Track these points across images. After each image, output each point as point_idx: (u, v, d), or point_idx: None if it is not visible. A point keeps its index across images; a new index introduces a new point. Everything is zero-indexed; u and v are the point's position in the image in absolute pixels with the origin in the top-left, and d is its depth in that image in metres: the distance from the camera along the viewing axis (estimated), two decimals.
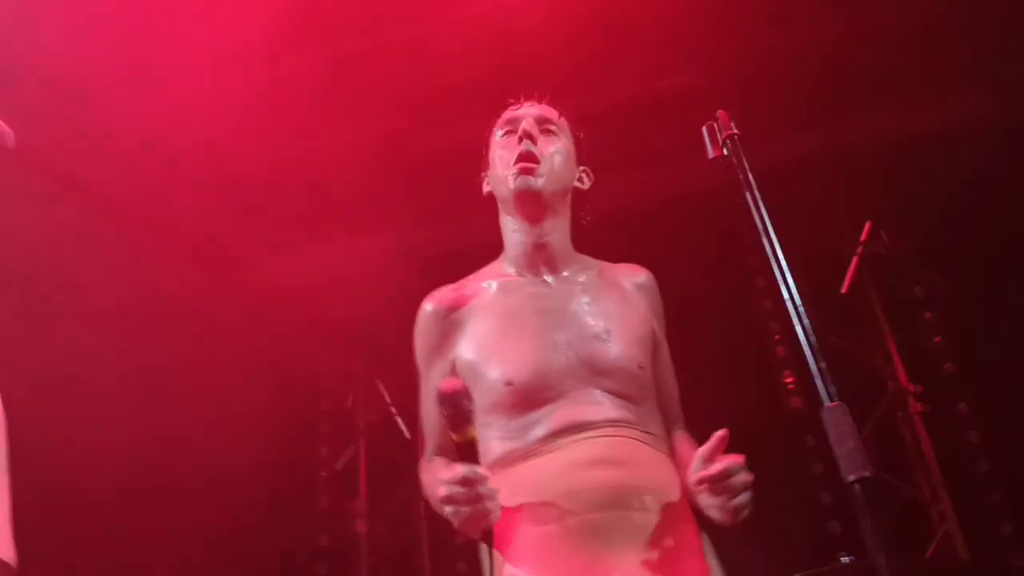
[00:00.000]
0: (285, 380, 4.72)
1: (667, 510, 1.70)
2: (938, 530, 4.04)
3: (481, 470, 1.55)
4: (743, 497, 1.60)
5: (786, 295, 1.68)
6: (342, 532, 4.63)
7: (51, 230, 3.63)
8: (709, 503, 1.63)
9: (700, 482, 1.61)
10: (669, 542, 1.67)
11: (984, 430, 4.15)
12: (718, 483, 1.60)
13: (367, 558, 4.56)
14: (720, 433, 1.62)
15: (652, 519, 1.67)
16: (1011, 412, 4.02)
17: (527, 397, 1.77)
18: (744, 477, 1.60)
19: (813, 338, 1.62)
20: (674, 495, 1.74)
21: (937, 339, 4.38)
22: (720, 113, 1.86)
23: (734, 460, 1.60)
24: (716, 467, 1.60)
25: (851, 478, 1.45)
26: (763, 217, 1.75)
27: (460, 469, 1.53)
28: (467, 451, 1.56)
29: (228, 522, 4.20)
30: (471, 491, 1.52)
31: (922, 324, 4.42)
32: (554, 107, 2.07)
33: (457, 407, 1.54)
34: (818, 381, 1.57)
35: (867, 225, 3.01)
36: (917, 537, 4.06)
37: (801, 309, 1.65)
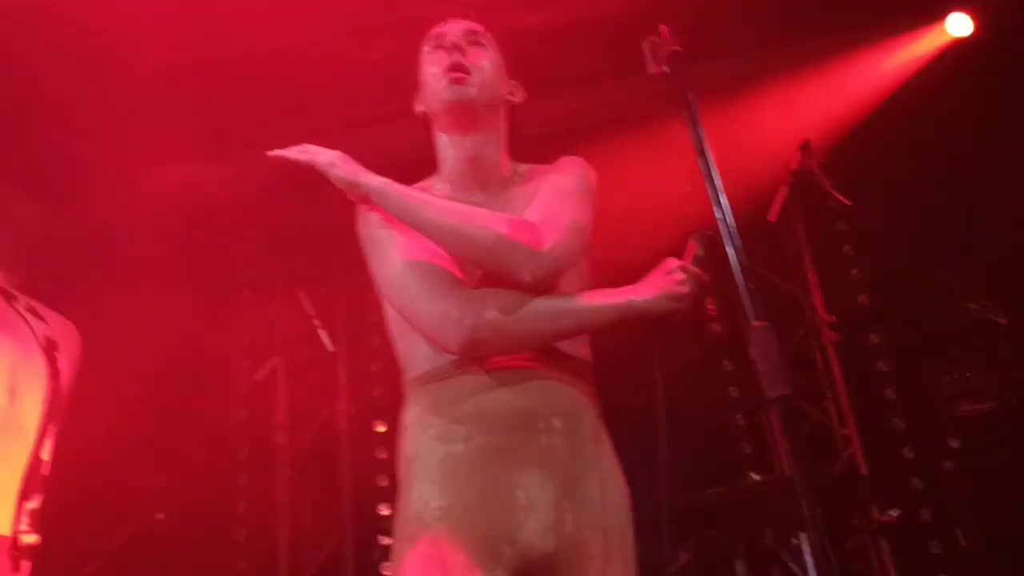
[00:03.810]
0: (204, 291, 4.62)
1: (575, 432, 1.73)
2: (843, 452, 4.23)
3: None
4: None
5: (719, 216, 1.69)
6: (262, 444, 4.61)
7: None
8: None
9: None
10: (575, 463, 1.71)
11: (892, 360, 4.32)
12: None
13: (287, 470, 4.56)
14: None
15: (558, 441, 1.70)
16: (918, 344, 4.19)
17: None
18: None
19: (744, 258, 1.65)
20: (584, 417, 1.77)
21: (854, 271, 4.50)
22: (662, 28, 1.83)
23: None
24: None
25: (774, 395, 1.49)
26: (700, 137, 1.75)
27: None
28: None
29: (147, 434, 4.14)
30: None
31: (841, 257, 4.54)
32: (480, 22, 2.03)
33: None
34: (746, 301, 1.60)
35: (797, 155, 3.04)
36: (823, 458, 4.23)
37: (733, 230, 1.67)
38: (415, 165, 2.01)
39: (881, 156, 4.27)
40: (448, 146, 1.94)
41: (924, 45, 4.22)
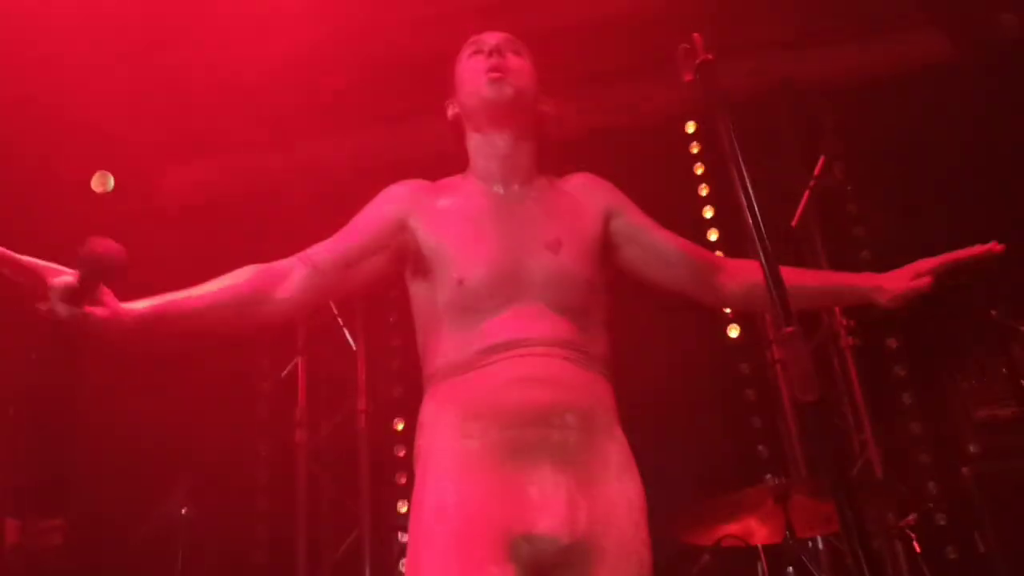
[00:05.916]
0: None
1: (589, 429, 1.76)
2: (859, 456, 4.24)
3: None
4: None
5: (751, 221, 1.72)
6: (282, 441, 4.65)
7: None
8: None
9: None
10: (588, 460, 1.74)
11: (909, 365, 4.33)
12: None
13: (306, 466, 4.60)
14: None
15: (572, 437, 1.73)
16: (936, 349, 4.20)
17: (476, 300, 1.81)
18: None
19: (774, 264, 1.67)
20: (599, 414, 1.80)
21: None
22: (695, 36, 1.86)
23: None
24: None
25: (804, 399, 1.52)
26: (733, 145, 1.77)
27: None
28: None
29: (168, 429, 4.19)
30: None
31: (859, 263, 4.55)
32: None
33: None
34: (776, 308, 1.62)
35: (821, 160, 3.06)
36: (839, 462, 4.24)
37: (764, 235, 1.70)
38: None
39: (900, 161, 4.29)
40: (481, 144, 2.01)
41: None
